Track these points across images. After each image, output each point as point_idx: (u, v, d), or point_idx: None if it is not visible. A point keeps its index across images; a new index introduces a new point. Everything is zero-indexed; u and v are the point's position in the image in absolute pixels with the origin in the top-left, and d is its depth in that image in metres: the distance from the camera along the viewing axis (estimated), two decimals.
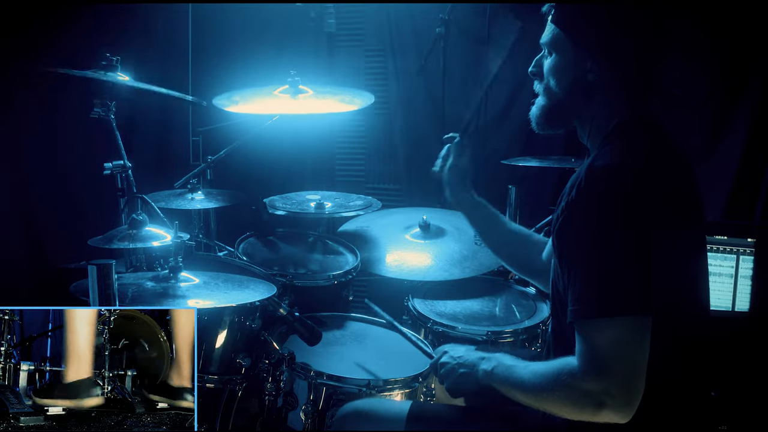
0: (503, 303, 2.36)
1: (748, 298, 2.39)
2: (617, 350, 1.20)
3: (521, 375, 1.36)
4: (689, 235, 1.37)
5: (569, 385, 1.25)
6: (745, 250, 2.39)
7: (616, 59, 1.36)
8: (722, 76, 2.86)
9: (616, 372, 1.20)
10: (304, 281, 2.26)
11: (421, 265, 2.41)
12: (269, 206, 2.60)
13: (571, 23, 1.39)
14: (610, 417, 1.22)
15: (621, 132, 1.37)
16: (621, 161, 1.29)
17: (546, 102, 1.48)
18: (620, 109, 1.40)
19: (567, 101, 1.44)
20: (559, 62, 1.42)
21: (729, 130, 2.88)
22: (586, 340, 1.23)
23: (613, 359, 1.20)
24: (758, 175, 2.79)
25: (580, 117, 1.45)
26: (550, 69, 1.44)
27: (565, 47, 1.40)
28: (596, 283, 1.23)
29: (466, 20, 3.26)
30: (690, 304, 1.37)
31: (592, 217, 1.25)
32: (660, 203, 1.27)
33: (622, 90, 1.39)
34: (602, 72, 1.37)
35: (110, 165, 2.17)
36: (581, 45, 1.38)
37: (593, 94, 1.40)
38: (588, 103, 1.42)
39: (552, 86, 1.45)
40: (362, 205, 2.76)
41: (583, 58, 1.38)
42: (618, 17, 1.36)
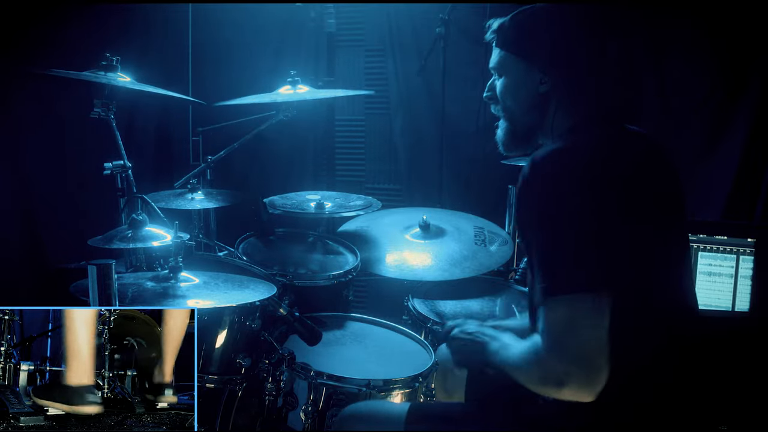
0: (503, 303, 2.36)
1: (748, 298, 2.39)
2: (573, 329, 1.23)
3: (509, 354, 1.40)
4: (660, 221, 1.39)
5: (533, 362, 1.29)
6: (745, 250, 2.39)
7: (563, 63, 1.42)
8: (722, 76, 2.87)
9: (573, 350, 1.22)
10: (304, 281, 2.26)
11: (421, 265, 2.41)
12: (269, 206, 2.61)
13: (515, 42, 1.47)
14: (572, 395, 1.24)
15: (573, 130, 1.43)
16: (560, 147, 1.34)
17: (508, 124, 1.54)
18: (575, 112, 1.44)
19: (526, 117, 1.49)
20: (510, 82, 1.49)
21: (729, 130, 2.88)
22: (545, 320, 1.26)
23: (570, 338, 1.23)
24: (758, 175, 2.79)
25: (543, 130, 1.50)
26: (504, 90, 1.51)
27: (513, 66, 1.48)
28: (544, 265, 1.28)
29: (466, 20, 3.26)
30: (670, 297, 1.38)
31: (533, 201, 1.30)
32: (606, 188, 1.28)
33: (574, 94, 1.44)
34: (552, 80, 1.43)
35: (110, 165, 2.17)
36: (528, 60, 1.45)
37: (548, 104, 1.46)
38: (545, 115, 1.47)
39: (509, 106, 1.51)
40: (362, 205, 2.76)
41: (532, 72, 1.45)
42: (557, 24, 1.44)
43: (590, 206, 1.26)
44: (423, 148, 3.53)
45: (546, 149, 1.34)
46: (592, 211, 1.26)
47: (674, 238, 1.43)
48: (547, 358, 1.25)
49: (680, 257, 1.44)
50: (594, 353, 1.22)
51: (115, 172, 2.18)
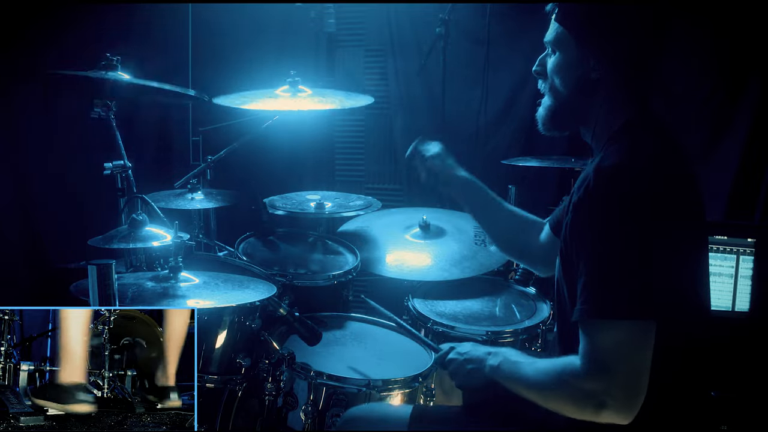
0: (503, 303, 2.36)
1: (748, 298, 2.39)
2: (620, 353, 1.21)
3: (526, 372, 1.36)
4: (693, 235, 1.37)
5: (571, 384, 1.25)
6: (745, 250, 2.39)
7: (618, 57, 1.37)
8: (722, 77, 2.87)
9: (619, 374, 1.20)
10: (304, 281, 2.26)
11: (421, 265, 2.41)
12: (269, 206, 2.61)
13: (575, 21, 1.40)
14: (611, 418, 1.22)
15: (626, 131, 1.38)
16: (629, 161, 1.29)
17: (551, 102, 1.48)
18: (624, 108, 1.40)
19: (571, 100, 1.44)
20: (562, 60, 1.43)
21: (729, 131, 2.88)
22: (590, 341, 1.23)
23: (616, 361, 1.20)
24: (758, 175, 2.79)
25: (585, 117, 1.45)
26: (554, 67, 1.45)
27: (568, 45, 1.41)
28: (603, 284, 1.23)
29: (466, 20, 3.26)
30: (692, 306, 1.36)
31: (601, 218, 1.25)
32: (666, 204, 1.27)
33: (624, 88, 1.40)
34: (605, 70, 1.38)
35: (110, 165, 2.17)
36: (584, 43, 1.39)
37: (596, 92, 1.41)
38: (591, 102, 1.42)
39: (556, 85, 1.45)
40: (362, 205, 2.75)
41: (586, 57, 1.39)
42: (620, 16, 1.37)
43: (654, 229, 1.23)
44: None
45: (613, 162, 1.29)
46: (654, 235, 1.23)
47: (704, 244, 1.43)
48: (589, 381, 1.23)
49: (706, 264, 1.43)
50: (640, 379, 1.21)
51: (115, 172, 2.17)
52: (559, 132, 1.52)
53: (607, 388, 1.21)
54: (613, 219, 1.24)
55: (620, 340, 1.20)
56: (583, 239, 1.28)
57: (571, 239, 1.32)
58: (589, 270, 1.25)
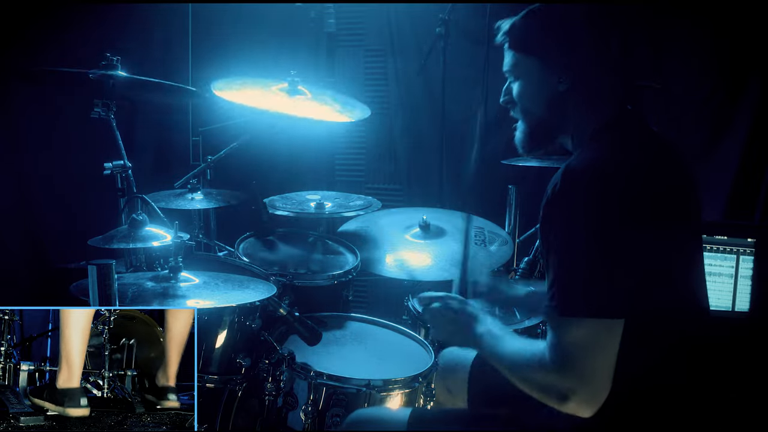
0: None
1: (748, 298, 2.39)
2: (584, 350, 1.22)
3: (503, 349, 1.39)
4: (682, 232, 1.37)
5: (538, 372, 1.28)
6: (745, 250, 2.39)
7: (580, 61, 1.38)
8: (722, 76, 2.87)
9: (581, 371, 1.22)
10: (304, 281, 2.26)
11: (421, 265, 2.41)
12: (269, 206, 2.60)
13: (529, 43, 1.42)
14: (573, 410, 1.25)
15: (603, 132, 1.38)
16: (596, 161, 1.30)
17: (526, 125, 1.49)
18: (599, 110, 1.41)
19: (546, 118, 1.45)
20: (527, 84, 1.45)
21: (729, 130, 2.88)
22: (555, 336, 1.25)
23: (580, 358, 1.22)
24: (758, 175, 2.79)
25: (562, 127, 1.46)
26: (521, 93, 1.46)
27: (529, 68, 1.43)
28: (568, 282, 1.25)
29: (466, 20, 3.26)
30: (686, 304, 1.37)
31: (566, 217, 1.27)
32: (642, 203, 1.26)
33: (595, 91, 1.41)
34: (571, 79, 1.39)
35: (110, 165, 2.17)
36: (545, 60, 1.41)
37: (568, 102, 1.41)
38: (565, 114, 1.43)
39: (528, 108, 1.47)
40: (362, 205, 2.75)
41: (550, 72, 1.40)
42: (571, 22, 1.40)
43: (622, 227, 1.23)
44: (423, 148, 3.53)
45: (580, 160, 1.30)
46: (623, 231, 1.23)
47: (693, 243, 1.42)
48: (554, 373, 1.24)
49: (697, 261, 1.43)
50: (602, 375, 1.22)
51: (115, 172, 2.18)
52: (542, 150, 1.54)
53: (570, 384, 1.22)
54: (578, 218, 1.25)
55: (585, 338, 1.22)
56: (550, 238, 1.29)
57: (543, 238, 1.33)
58: (556, 268, 1.27)
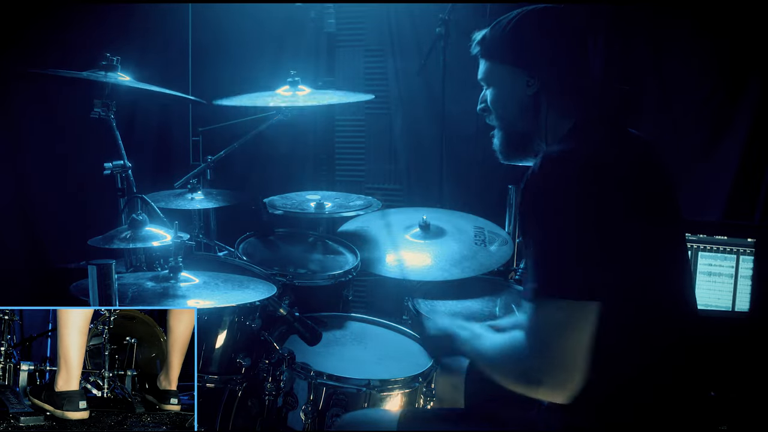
0: (503, 303, 2.36)
1: (748, 298, 2.39)
2: (560, 332, 1.23)
3: (482, 345, 1.42)
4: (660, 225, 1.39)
5: (514, 360, 1.30)
6: (745, 250, 2.39)
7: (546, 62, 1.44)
8: (722, 77, 2.87)
9: (554, 352, 1.23)
10: (304, 281, 2.26)
11: (421, 265, 2.41)
12: (269, 206, 2.60)
13: (498, 50, 1.50)
14: (546, 396, 1.26)
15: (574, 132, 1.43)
16: (571, 150, 1.34)
17: (503, 131, 1.56)
18: (569, 111, 1.45)
19: (520, 122, 1.51)
20: (499, 90, 1.52)
21: (729, 131, 2.88)
22: (531, 319, 1.27)
23: (555, 341, 1.23)
24: (758, 175, 2.79)
25: (536, 130, 1.50)
26: (495, 99, 1.53)
27: (500, 74, 1.51)
28: (542, 264, 1.27)
29: (466, 20, 3.25)
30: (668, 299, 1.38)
31: (539, 202, 1.30)
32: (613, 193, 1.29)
33: (565, 94, 1.45)
34: (540, 80, 1.45)
35: (110, 165, 2.16)
36: (513, 64, 1.47)
37: (540, 106, 1.46)
38: (538, 117, 1.48)
39: (502, 114, 1.53)
40: (362, 205, 2.75)
41: (518, 76, 1.47)
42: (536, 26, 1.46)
43: (595, 212, 1.26)
44: (423, 148, 3.53)
45: (556, 148, 1.35)
46: (596, 216, 1.26)
47: (671, 239, 1.44)
48: (529, 357, 1.26)
49: (677, 258, 1.44)
50: (576, 358, 1.23)
51: (115, 172, 2.17)
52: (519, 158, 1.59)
53: (543, 366, 1.24)
54: (549, 203, 1.28)
55: (557, 320, 1.23)
56: (526, 222, 1.33)
57: (521, 222, 1.37)
58: (532, 251, 1.30)
